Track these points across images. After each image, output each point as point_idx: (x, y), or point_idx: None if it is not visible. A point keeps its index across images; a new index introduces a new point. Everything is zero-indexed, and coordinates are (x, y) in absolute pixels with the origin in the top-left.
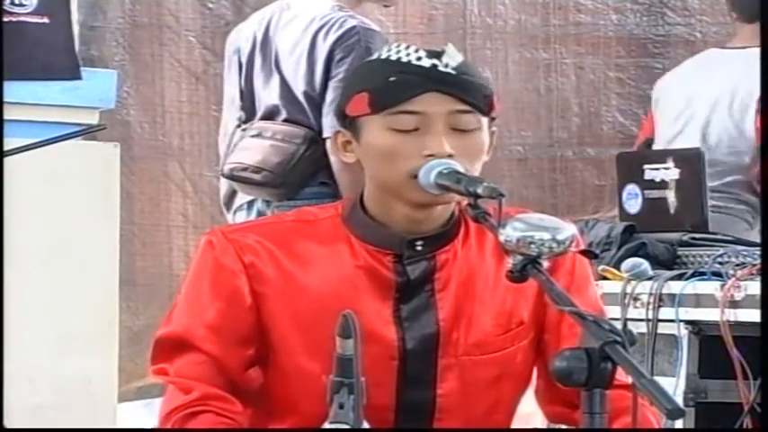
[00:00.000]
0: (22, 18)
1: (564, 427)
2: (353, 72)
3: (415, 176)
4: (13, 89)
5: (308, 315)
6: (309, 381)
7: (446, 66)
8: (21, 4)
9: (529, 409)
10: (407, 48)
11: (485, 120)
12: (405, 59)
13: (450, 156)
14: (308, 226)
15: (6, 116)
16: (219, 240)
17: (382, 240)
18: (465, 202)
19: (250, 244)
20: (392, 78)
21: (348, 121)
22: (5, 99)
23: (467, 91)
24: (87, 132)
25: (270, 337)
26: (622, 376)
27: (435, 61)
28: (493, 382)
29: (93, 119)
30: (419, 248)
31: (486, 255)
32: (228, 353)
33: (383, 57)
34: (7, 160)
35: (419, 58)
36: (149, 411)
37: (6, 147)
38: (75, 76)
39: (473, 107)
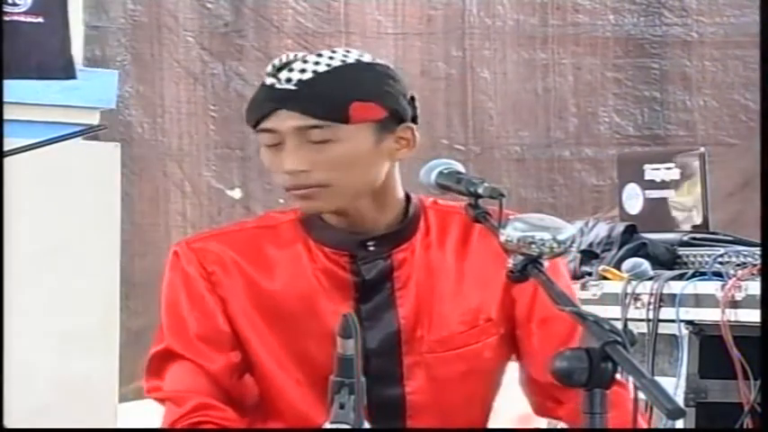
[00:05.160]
0: (16, 17)
1: (564, 426)
2: None
3: (287, 189)
4: (14, 89)
5: (274, 319)
6: (285, 383)
7: (287, 81)
8: (14, 4)
9: (530, 410)
10: (276, 61)
11: (351, 127)
12: (264, 76)
13: (304, 171)
14: (268, 231)
15: (6, 116)
16: (184, 251)
17: (337, 242)
18: (429, 200)
19: (213, 251)
20: (253, 97)
21: None
22: (5, 99)
23: (311, 105)
24: (88, 132)
25: (241, 343)
26: (618, 373)
27: (273, 80)
28: (461, 378)
29: (93, 119)
30: (372, 249)
31: (447, 252)
32: (217, 361)
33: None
34: (7, 160)
35: (266, 76)
36: (149, 411)
37: (6, 147)
38: (70, 75)
39: (322, 119)
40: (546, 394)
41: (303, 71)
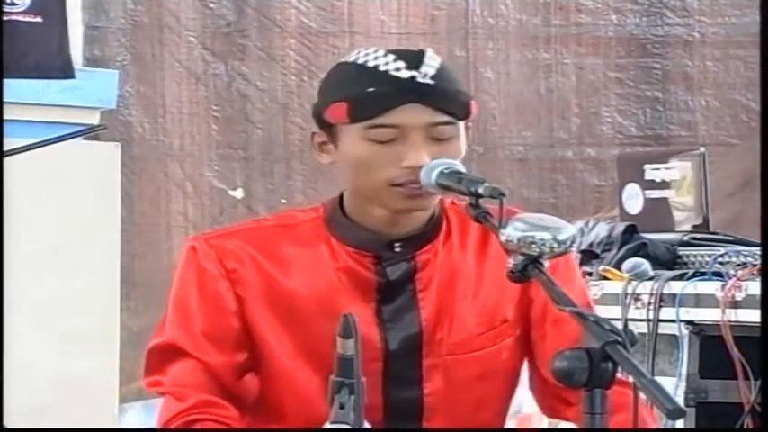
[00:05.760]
0: (14, 17)
1: (565, 426)
2: (332, 75)
3: (392, 185)
4: (14, 89)
5: (292, 318)
6: (297, 383)
7: (425, 76)
8: (13, 3)
9: (531, 410)
10: (385, 55)
11: (461, 124)
12: (383, 68)
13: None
14: (288, 230)
15: (6, 116)
16: (202, 246)
17: (362, 242)
18: (448, 200)
19: (232, 249)
20: (370, 89)
21: (326, 125)
22: (5, 99)
23: (445, 101)
24: (88, 132)
25: (256, 341)
26: (620, 373)
27: (414, 72)
28: (478, 380)
29: (93, 119)
30: (398, 250)
31: (467, 253)
32: (221, 359)
33: (360, 62)
34: (7, 160)
35: (397, 69)
36: (149, 412)
37: (6, 147)
38: (68, 75)
39: (451, 116)
40: (555, 395)
41: (431, 66)
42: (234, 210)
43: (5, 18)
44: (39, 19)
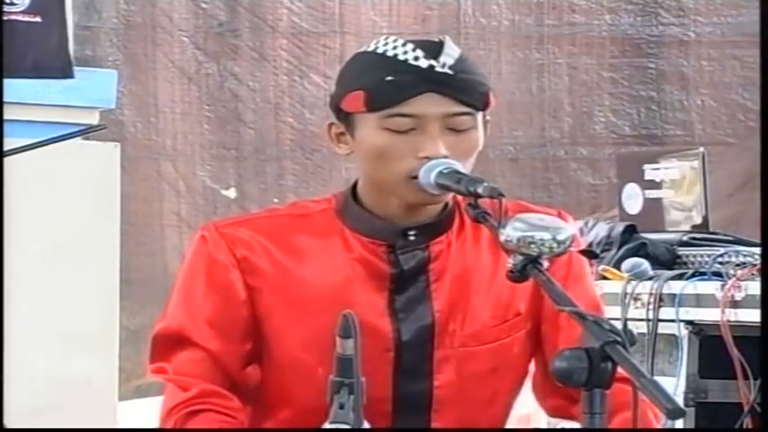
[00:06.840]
0: (14, 17)
1: (564, 426)
2: (350, 64)
3: (410, 177)
4: (14, 89)
5: (303, 308)
6: (305, 373)
7: (443, 65)
8: (12, 3)
9: (529, 410)
10: (404, 44)
11: (480, 115)
12: (401, 57)
13: (445, 156)
14: (301, 220)
15: (6, 116)
16: (212, 235)
17: (376, 231)
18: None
19: (243, 238)
20: (388, 78)
21: (343, 115)
22: (5, 99)
23: (464, 91)
24: (87, 132)
25: (265, 330)
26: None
27: (433, 62)
28: (490, 373)
29: (93, 119)
30: (412, 238)
31: (481, 246)
32: (226, 349)
33: (379, 51)
34: (7, 160)
35: (416, 58)
36: (150, 410)
37: (6, 147)
38: (68, 74)
39: (469, 107)
40: (562, 392)
41: (450, 56)
42: (227, 209)
43: (5, 18)
44: (38, 19)
